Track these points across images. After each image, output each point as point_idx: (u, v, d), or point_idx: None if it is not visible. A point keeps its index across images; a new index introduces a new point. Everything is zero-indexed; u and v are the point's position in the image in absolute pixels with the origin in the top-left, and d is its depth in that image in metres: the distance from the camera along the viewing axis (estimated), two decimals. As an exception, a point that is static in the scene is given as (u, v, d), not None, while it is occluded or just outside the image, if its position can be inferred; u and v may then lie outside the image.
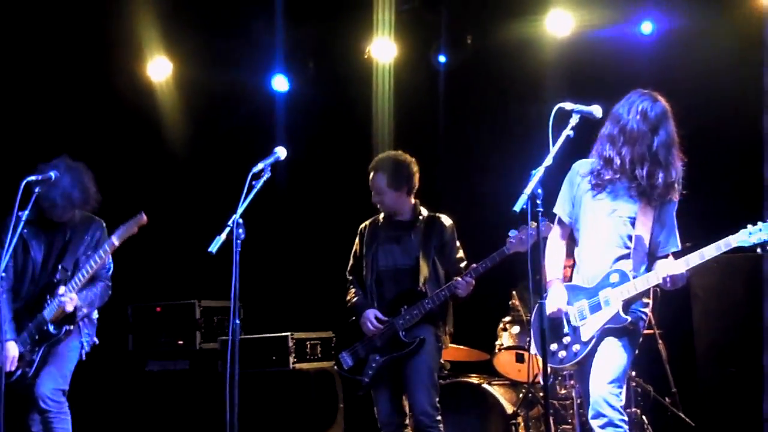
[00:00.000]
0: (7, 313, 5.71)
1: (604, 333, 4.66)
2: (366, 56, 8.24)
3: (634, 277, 4.61)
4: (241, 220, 4.66)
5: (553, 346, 4.79)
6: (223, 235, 4.60)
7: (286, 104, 8.73)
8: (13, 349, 5.70)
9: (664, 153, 4.58)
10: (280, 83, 8.69)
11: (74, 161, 5.78)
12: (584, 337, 4.70)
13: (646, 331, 6.47)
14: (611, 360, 4.59)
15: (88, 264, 5.77)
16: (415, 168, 6.02)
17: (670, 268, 4.52)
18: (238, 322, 4.63)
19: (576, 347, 4.72)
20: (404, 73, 8.23)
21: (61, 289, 5.73)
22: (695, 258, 4.48)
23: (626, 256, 4.68)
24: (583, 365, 4.71)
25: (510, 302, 6.82)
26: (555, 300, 4.77)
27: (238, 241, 4.62)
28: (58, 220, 5.87)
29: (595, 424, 4.51)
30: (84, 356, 5.97)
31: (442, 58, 8.18)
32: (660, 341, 6.57)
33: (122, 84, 8.39)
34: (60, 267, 5.84)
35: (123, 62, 8.44)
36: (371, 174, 6.00)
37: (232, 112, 8.72)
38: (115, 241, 5.80)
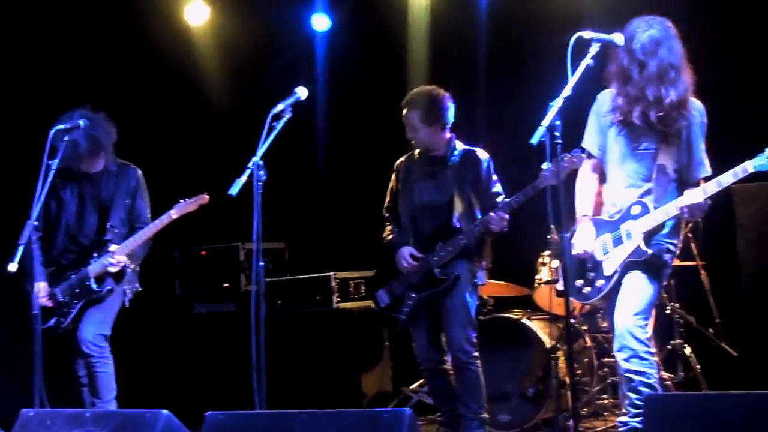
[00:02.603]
0: (38, 257, 5.80)
1: (627, 267, 4.59)
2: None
3: (655, 209, 4.51)
4: (261, 162, 4.65)
5: (579, 282, 4.73)
6: (244, 178, 4.60)
7: (324, 43, 8.65)
8: (44, 288, 5.81)
9: (654, 86, 4.45)
10: (320, 22, 8.57)
11: (94, 111, 5.80)
12: (607, 272, 4.63)
13: (688, 263, 6.42)
14: (635, 292, 4.52)
15: (141, 231, 5.89)
16: (449, 102, 5.93)
17: (687, 197, 4.41)
18: (262, 264, 4.65)
19: (600, 282, 4.66)
20: (442, 6, 8.08)
21: (113, 247, 5.82)
22: (713, 186, 4.38)
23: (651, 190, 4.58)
24: (609, 300, 4.65)
25: (549, 236, 6.72)
26: (582, 239, 4.69)
27: (259, 183, 4.62)
28: (85, 170, 5.93)
29: (620, 357, 4.45)
30: (127, 303, 6.06)
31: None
32: (703, 272, 6.46)
33: (157, 29, 8.33)
34: (109, 226, 5.93)
35: (158, 6, 8.37)
36: (404, 110, 5.94)
37: (272, 57, 8.64)
38: (173, 214, 5.91)
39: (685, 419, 3.54)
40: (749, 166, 4.28)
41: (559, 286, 5.25)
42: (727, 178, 4.35)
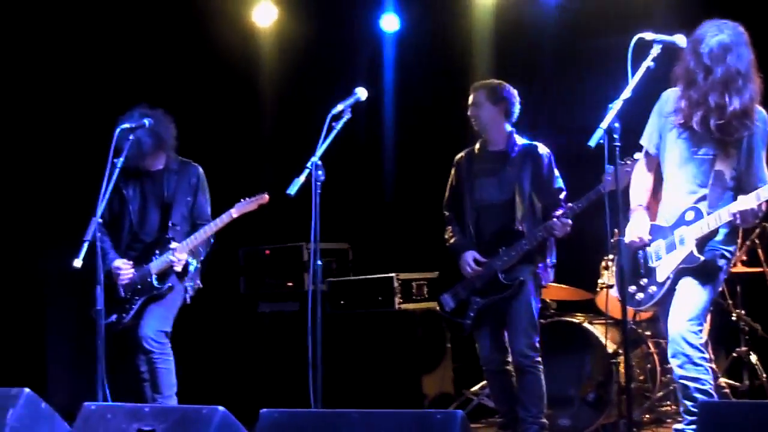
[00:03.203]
0: (107, 247, 5.88)
1: (679, 273, 4.53)
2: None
3: (708, 214, 4.44)
4: (320, 162, 4.68)
5: (632, 288, 4.68)
6: (302, 178, 4.63)
7: (393, 44, 8.64)
8: (123, 263, 5.91)
9: (717, 92, 4.36)
10: (390, 23, 8.55)
11: (152, 108, 5.89)
12: (660, 278, 4.58)
13: (755, 269, 6.30)
14: (688, 298, 4.47)
15: (202, 229, 5.96)
16: (516, 96, 5.96)
17: (740, 203, 4.33)
18: (320, 264, 4.69)
19: (652, 288, 4.61)
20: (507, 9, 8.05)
21: (174, 244, 5.90)
22: (766, 192, 4.28)
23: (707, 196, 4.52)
24: (663, 306, 4.59)
25: (612, 240, 6.66)
26: (635, 228, 4.65)
27: (318, 183, 4.65)
28: (147, 168, 6.02)
29: (674, 363, 4.41)
30: (188, 300, 6.13)
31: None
32: (769, 278, 6.35)
33: (224, 29, 8.37)
34: (170, 223, 6.01)
35: (225, 7, 8.43)
36: (473, 93, 5.97)
37: (340, 57, 8.66)
38: (234, 213, 5.97)
39: (741, 427, 3.47)
40: None
41: (613, 292, 5.20)
42: None
